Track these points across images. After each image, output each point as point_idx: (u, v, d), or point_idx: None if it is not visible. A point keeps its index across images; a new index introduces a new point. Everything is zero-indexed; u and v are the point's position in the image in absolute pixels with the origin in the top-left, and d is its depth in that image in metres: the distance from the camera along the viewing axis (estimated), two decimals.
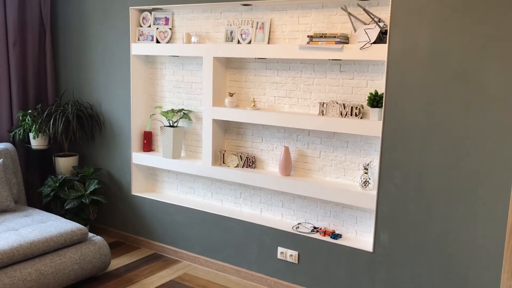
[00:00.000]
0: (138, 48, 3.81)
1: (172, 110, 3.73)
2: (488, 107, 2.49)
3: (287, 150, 3.26)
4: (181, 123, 3.84)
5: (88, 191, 3.85)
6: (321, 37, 2.97)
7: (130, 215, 4.09)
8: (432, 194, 2.70)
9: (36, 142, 4.02)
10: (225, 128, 3.63)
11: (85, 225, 3.91)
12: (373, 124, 2.86)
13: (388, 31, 2.73)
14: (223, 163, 3.56)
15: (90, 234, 3.45)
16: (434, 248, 2.72)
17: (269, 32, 3.29)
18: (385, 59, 2.75)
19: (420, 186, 2.73)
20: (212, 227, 3.62)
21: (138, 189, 4.06)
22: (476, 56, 2.50)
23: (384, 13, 2.86)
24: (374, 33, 2.82)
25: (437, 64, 2.61)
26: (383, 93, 2.84)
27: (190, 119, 3.77)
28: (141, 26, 3.87)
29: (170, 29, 3.76)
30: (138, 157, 3.95)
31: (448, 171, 2.64)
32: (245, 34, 3.37)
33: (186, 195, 3.92)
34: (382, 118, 2.81)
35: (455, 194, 2.63)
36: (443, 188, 2.66)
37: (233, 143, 3.62)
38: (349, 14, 2.96)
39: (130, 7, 3.79)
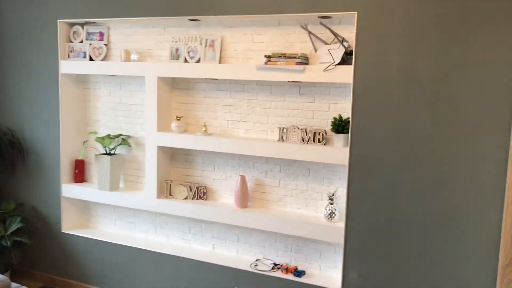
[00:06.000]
0: (68, 66, 3.38)
1: (109, 136, 3.33)
2: (463, 132, 2.36)
3: (243, 179, 2.97)
4: (119, 150, 3.44)
5: (9, 231, 3.35)
6: (279, 57, 2.74)
7: (60, 256, 3.59)
8: (405, 227, 2.52)
9: None
10: (171, 155, 3.27)
11: (5, 271, 3.37)
12: (338, 151, 2.66)
13: (353, 51, 2.55)
14: (170, 195, 3.20)
15: (14, 285, 2.93)
16: (408, 284, 2.54)
17: (220, 50, 3.00)
18: (351, 81, 2.56)
19: (392, 218, 2.54)
20: (158, 268, 3.22)
21: (70, 226, 3.58)
22: (449, 78, 2.37)
23: (348, 33, 2.68)
24: (339, 53, 2.62)
25: (407, 87, 2.45)
26: (348, 118, 2.65)
27: (129, 146, 3.38)
28: (72, 42, 3.43)
29: (106, 45, 3.36)
30: (69, 189, 3.48)
31: (421, 202, 2.47)
32: (193, 52, 3.06)
33: (126, 230, 3.50)
34: (348, 145, 2.61)
35: (429, 226, 2.47)
36: (416, 220, 2.49)
37: (181, 172, 3.27)
38: (310, 32, 2.75)
39: (58, 20, 3.35)
